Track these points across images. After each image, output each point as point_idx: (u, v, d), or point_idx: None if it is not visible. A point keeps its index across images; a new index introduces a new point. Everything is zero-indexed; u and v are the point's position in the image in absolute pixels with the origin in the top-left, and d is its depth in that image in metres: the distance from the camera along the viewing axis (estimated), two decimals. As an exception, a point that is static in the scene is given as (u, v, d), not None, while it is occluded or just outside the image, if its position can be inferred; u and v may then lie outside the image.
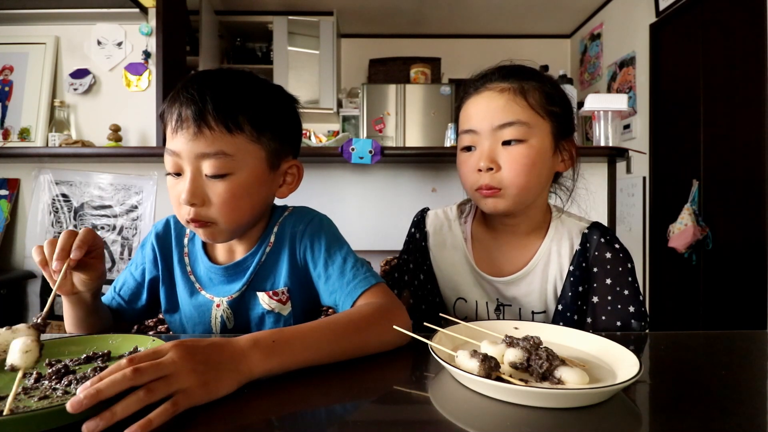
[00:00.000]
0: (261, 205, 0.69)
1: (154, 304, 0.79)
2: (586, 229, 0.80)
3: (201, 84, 0.62)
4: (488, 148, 0.73)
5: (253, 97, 0.65)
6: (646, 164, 2.93)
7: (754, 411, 0.43)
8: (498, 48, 4.09)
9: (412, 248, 0.90)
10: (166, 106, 0.64)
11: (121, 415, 0.36)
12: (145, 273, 0.77)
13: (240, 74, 0.67)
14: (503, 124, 0.72)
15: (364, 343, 0.54)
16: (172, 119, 0.62)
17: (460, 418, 0.39)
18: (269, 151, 0.67)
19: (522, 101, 0.73)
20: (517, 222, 0.81)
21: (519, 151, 0.72)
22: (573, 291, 0.77)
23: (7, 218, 1.71)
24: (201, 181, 0.62)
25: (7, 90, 2.03)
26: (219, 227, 0.65)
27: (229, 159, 0.62)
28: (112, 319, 0.76)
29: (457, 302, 0.85)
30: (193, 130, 0.60)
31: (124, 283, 0.78)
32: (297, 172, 0.73)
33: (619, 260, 0.77)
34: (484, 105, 0.75)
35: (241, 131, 0.63)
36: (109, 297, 0.78)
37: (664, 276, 2.77)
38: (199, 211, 0.63)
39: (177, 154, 0.62)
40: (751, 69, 2.19)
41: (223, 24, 3.82)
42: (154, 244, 0.76)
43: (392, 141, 3.51)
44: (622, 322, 0.74)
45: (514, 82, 0.74)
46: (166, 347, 0.42)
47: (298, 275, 0.72)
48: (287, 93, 0.73)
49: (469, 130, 0.76)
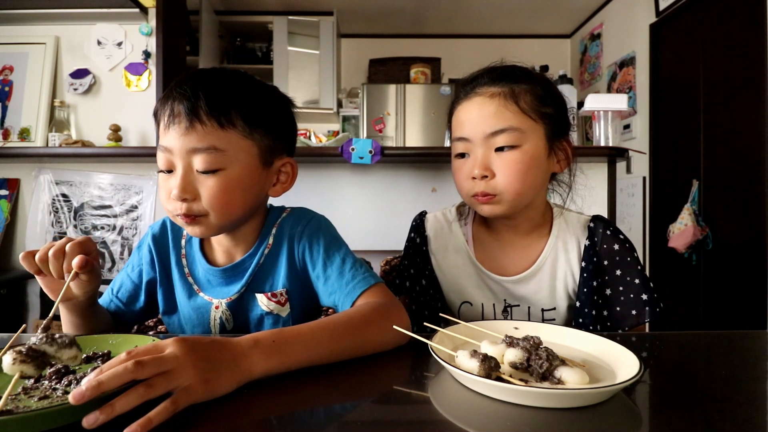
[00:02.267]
0: (252, 202, 0.69)
1: (153, 306, 0.79)
2: (591, 223, 0.80)
3: (194, 81, 0.62)
4: (481, 155, 0.73)
5: (246, 94, 0.66)
6: (646, 164, 2.93)
7: (754, 411, 0.42)
8: (498, 48, 4.09)
9: (412, 253, 0.89)
10: (158, 104, 0.64)
11: (121, 410, 0.36)
12: (143, 275, 0.77)
13: (233, 73, 0.67)
14: (495, 131, 0.72)
15: (363, 342, 0.54)
16: (165, 115, 0.62)
17: (460, 418, 0.39)
18: (262, 147, 0.66)
19: (513, 106, 0.72)
20: (516, 223, 0.81)
21: (513, 157, 0.72)
22: (588, 286, 0.77)
23: (7, 218, 1.71)
24: (192, 177, 0.62)
25: (7, 90, 2.03)
26: (209, 222, 0.64)
27: (220, 154, 0.62)
28: (111, 322, 0.75)
29: (462, 306, 0.84)
30: (185, 125, 0.61)
31: (121, 286, 0.78)
32: (291, 171, 0.73)
33: (626, 251, 0.78)
34: (475, 112, 0.74)
35: (233, 126, 0.63)
36: (107, 299, 0.78)
37: (664, 276, 2.77)
38: (191, 206, 0.62)
39: (169, 150, 0.62)
40: (751, 69, 2.19)
41: (223, 24, 3.82)
42: (151, 245, 0.76)
43: (392, 141, 3.51)
44: (636, 311, 0.75)
45: (504, 86, 0.73)
46: (167, 342, 0.42)
47: (297, 276, 0.72)
48: (281, 93, 0.73)
49: (462, 138, 0.75)
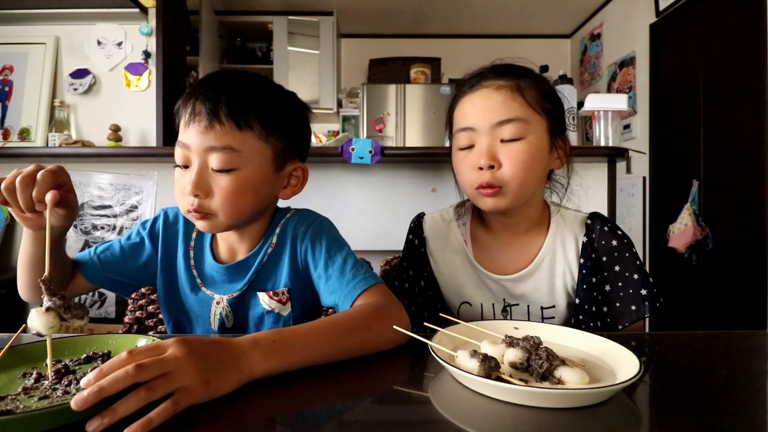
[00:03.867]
0: (262, 203, 0.70)
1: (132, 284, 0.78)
2: (588, 220, 0.81)
3: (217, 82, 0.65)
4: (487, 145, 0.73)
5: (266, 98, 0.68)
6: (646, 164, 2.93)
7: (754, 411, 0.43)
8: (498, 48, 4.07)
9: (410, 255, 0.89)
10: (181, 101, 0.66)
11: (123, 414, 0.36)
12: (138, 250, 0.76)
13: (255, 76, 0.69)
14: (502, 120, 0.72)
15: (363, 342, 0.54)
16: (186, 113, 0.64)
17: (460, 418, 0.39)
18: (276, 150, 0.68)
19: (519, 98, 0.73)
20: (515, 221, 0.81)
21: (519, 147, 0.72)
22: (587, 283, 0.77)
23: (7, 218, 1.71)
24: (206, 174, 0.64)
25: (7, 90, 2.03)
26: (218, 219, 0.66)
27: (235, 154, 0.63)
28: (68, 273, 0.73)
29: (461, 306, 0.84)
30: (205, 124, 0.62)
31: (108, 248, 0.76)
32: (302, 175, 0.74)
33: (624, 246, 0.78)
34: (482, 102, 0.74)
35: (251, 129, 0.65)
36: (87, 255, 0.75)
37: (664, 276, 2.77)
38: (202, 203, 0.64)
39: (187, 147, 0.64)
40: (751, 69, 2.19)
41: (223, 24, 3.81)
42: (161, 227, 0.77)
43: (392, 141, 3.51)
44: (636, 307, 0.75)
45: (510, 80, 0.74)
46: (167, 343, 0.42)
47: (299, 276, 0.73)
48: (299, 100, 0.74)
49: (467, 127, 0.75)
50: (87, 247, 1.75)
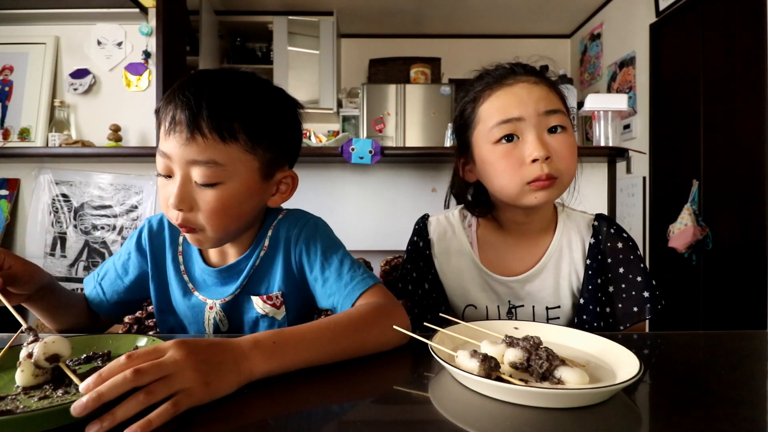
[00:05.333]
0: (250, 215, 0.68)
1: (133, 303, 0.78)
2: (595, 221, 0.81)
3: (198, 87, 0.59)
4: (537, 135, 0.69)
5: (251, 104, 0.62)
6: (646, 164, 2.93)
7: (754, 411, 0.43)
8: (498, 48, 4.08)
9: (415, 257, 0.87)
10: (161, 104, 0.62)
11: (122, 418, 0.36)
12: (130, 266, 0.76)
13: (239, 77, 0.64)
14: (550, 110, 0.71)
15: (363, 342, 0.54)
16: (166, 121, 0.60)
17: (460, 418, 0.39)
18: (263, 161, 0.64)
19: (555, 93, 0.74)
20: (530, 220, 0.80)
21: (566, 138, 0.71)
22: (592, 283, 0.78)
23: (7, 218, 1.71)
24: (190, 187, 0.60)
25: (7, 90, 2.03)
26: (206, 234, 0.63)
27: (220, 168, 0.59)
28: (85, 312, 0.74)
29: (466, 309, 0.84)
30: (186, 135, 0.58)
31: (106, 273, 0.76)
32: (291, 182, 0.71)
33: (629, 249, 0.79)
34: (525, 93, 0.72)
35: (236, 141, 0.60)
36: (92, 285, 0.76)
37: (664, 276, 2.77)
38: (187, 217, 0.61)
39: (168, 157, 0.60)
40: (751, 69, 2.19)
41: (223, 24, 3.82)
42: (146, 238, 0.75)
43: (392, 141, 3.51)
44: (638, 308, 0.76)
45: (540, 78, 0.74)
46: (166, 345, 0.42)
47: (293, 279, 0.72)
48: (289, 97, 0.70)
49: (511, 118, 0.70)
50: (87, 247, 1.75)
